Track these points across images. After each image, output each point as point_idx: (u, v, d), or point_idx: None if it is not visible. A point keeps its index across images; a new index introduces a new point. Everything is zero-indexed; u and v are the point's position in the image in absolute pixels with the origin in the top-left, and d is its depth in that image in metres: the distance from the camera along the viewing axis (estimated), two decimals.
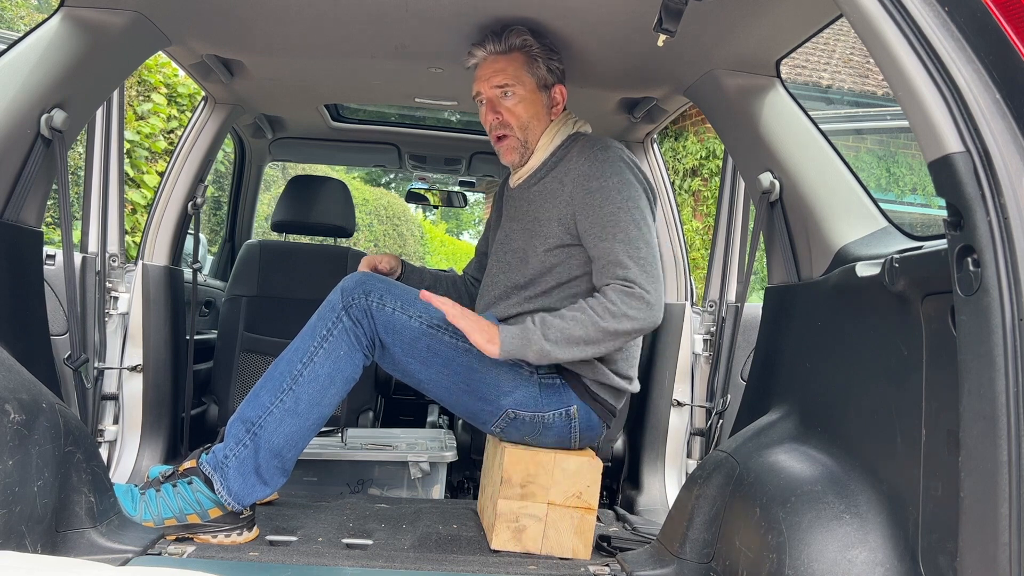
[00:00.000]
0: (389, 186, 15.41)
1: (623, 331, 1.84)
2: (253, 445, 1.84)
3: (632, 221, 1.90)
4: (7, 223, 1.76)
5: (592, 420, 2.01)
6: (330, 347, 1.86)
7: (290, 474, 1.91)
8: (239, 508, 1.86)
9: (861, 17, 1.13)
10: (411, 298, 1.92)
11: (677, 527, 1.74)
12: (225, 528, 1.87)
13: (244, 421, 1.86)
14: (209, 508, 1.85)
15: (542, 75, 2.06)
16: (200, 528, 1.86)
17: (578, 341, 1.82)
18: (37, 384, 1.58)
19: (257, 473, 1.85)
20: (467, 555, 1.89)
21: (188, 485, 1.86)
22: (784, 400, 1.76)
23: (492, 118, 2.06)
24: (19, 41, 1.76)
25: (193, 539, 1.86)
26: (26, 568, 0.97)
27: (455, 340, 1.91)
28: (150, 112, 5.78)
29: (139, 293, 2.47)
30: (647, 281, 1.86)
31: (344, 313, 1.86)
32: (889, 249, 1.45)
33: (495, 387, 1.93)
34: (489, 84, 2.04)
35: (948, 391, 1.12)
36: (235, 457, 1.84)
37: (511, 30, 2.00)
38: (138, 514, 1.83)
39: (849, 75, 10.77)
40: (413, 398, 3.66)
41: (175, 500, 1.85)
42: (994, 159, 1.00)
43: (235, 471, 1.84)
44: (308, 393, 1.84)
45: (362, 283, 1.90)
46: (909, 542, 1.22)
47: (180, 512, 1.85)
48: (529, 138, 2.07)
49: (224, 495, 1.83)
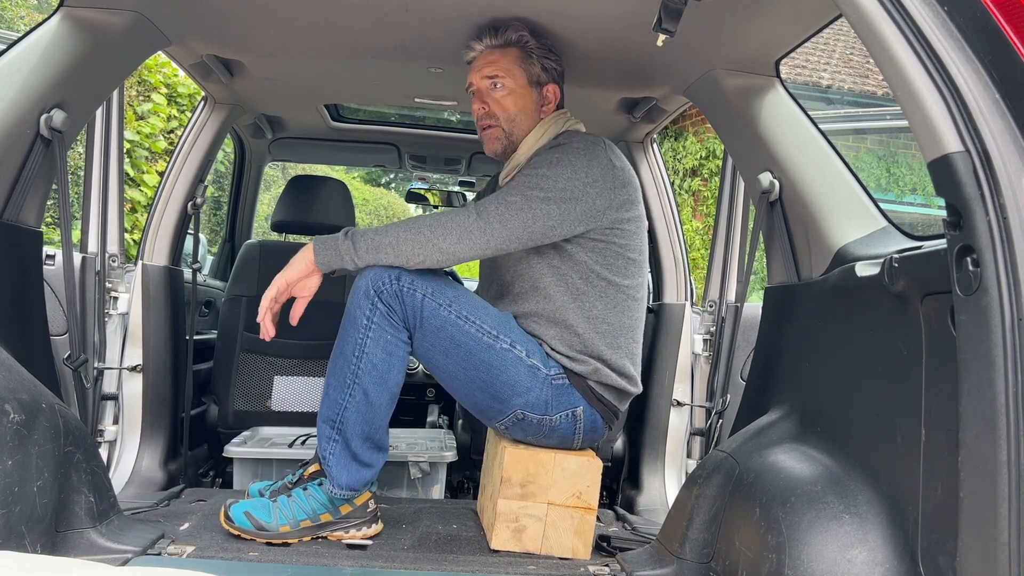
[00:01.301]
0: (389, 186, 15.41)
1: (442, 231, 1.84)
2: (342, 439, 1.91)
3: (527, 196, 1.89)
4: (7, 223, 1.76)
5: (596, 422, 2.01)
6: (376, 335, 1.88)
7: (388, 448, 1.98)
8: (353, 495, 1.93)
9: (861, 17, 1.13)
10: (441, 286, 1.92)
11: (677, 527, 1.74)
12: (355, 522, 1.96)
13: (326, 421, 1.93)
14: (340, 505, 1.94)
15: (535, 72, 2.07)
16: (332, 525, 1.95)
17: (392, 244, 1.84)
18: (37, 384, 1.58)
19: (356, 460, 1.92)
20: (467, 555, 1.89)
21: (319, 487, 1.94)
22: (784, 400, 1.76)
23: (478, 107, 2.10)
24: (19, 41, 1.76)
25: (327, 536, 1.95)
26: (26, 568, 0.97)
27: (480, 335, 1.91)
28: (150, 112, 5.79)
29: (139, 293, 2.47)
30: (495, 218, 1.86)
31: (377, 299, 1.88)
32: (889, 249, 1.45)
33: (510, 386, 1.93)
34: (480, 75, 2.07)
35: (948, 391, 1.12)
36: (331, 454, 1.91)
37: (509, 26, 2.02)
38: (273, 520, 1.90)
39: (849, 75, 10.77)
40: (413, 398, 3.66)
41: (307, 502, 1.93)
42: (993, 159, 1.00)
43: (336, 466, 1.91)
44: (372, 382, 1.89)
45: (389, 268, 1.90)
46: (909, 542, 1.22)
47: (313, 512, 1.93)
48: (515, 131, 2.08)
49: (336, 490, 1.91)
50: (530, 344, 1.97)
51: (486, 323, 1.92)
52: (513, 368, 1.92)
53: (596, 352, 1.98)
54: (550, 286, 1.99)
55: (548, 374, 1.96)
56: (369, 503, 1.98)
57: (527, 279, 2.02)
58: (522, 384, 1.93)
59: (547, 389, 1.95)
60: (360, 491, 1.94)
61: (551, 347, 1.99)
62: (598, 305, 1.99)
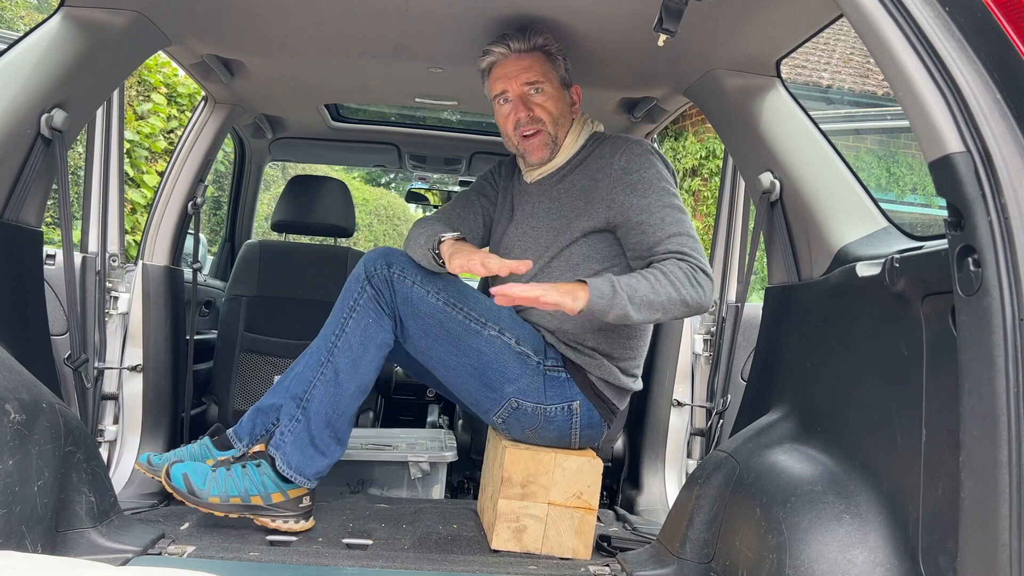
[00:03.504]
0: (389, 186, 15.41)
1: (692, 302, 1.85)
2: (305, 419, 1.93)
3: (679, 208, 1.95)
4: (7, 223, 1.76)
5: (594, 418, 2.02)
6: (359, 316, 1.92)
7: (346, 444, 2.00)
8: (303, 482, 1.93)
9: (861, 17, 1.13)
10: (431, 274, 1.94)
11: (677, 527, 1.74)
12: (284, 514, 1.95)
13: (293, 398, 1.95)
14: (273, 492, 1.93)
15: (563, 74, 2.07)
16: (261, 511, 1.94)
17: (656, 307, 1.82)
18: (37, 384, 1.58)
19: (313, 445, 1.93)
20: (467, 555, 1.89)
21: (257, 468, 1.94)
22: (784, 400, 1.76)
23: (524, 114, 2.03)
24: (19, 41, 1.76)
25: (253, 520, 1.94)
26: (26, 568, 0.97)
27: (468, 321, 1.93)
28: (150, 112, 5.79)
29: (139, 293, 2.47)
30: (704, 260, 1.91)
31: (367, 283, 1.92)
32: (889, 249, 1.45)
33: (501, 373, 1.94)
34: (519, 81, 2.02)
35: (948, 391, 1.12)
36: (290, 432, 1.93)
37: (533, 29, 1.99)
38: (206, 489, 1.91)
39: (849, 75, 10.77)
40: (413, 398, 3.67)
41: (243, 480, 1.93)
42: (994, 159, 1.00)
43: (292, 446, 1.93)
44: (345, 362, 1.92)
45: (385, 255, 1.95)
46: (909, 542, 1.22)
47: (245, 492, 1.92)
48: (559, 134, 2.07)
49: (286, 469, 1.92)
50: (522, 331, 1.97)
51: (474, 310, 1.94)
52: (502, 354, 1.94)
53: (606, 351, 2.00)
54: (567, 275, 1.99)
55: (541, 363, 1.96)
56: (303, 499, 1.97)
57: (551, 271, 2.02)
58: (512, 371, 1.94)
59: (539, 377, 1.96)
60: (305, 481, 1.94)
61: (557, 338, 1.99)
62: None
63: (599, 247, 2.00)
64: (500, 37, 2.02)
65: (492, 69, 2.07)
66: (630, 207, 1.94)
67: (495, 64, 2.06)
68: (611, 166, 1.98)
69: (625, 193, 1.95)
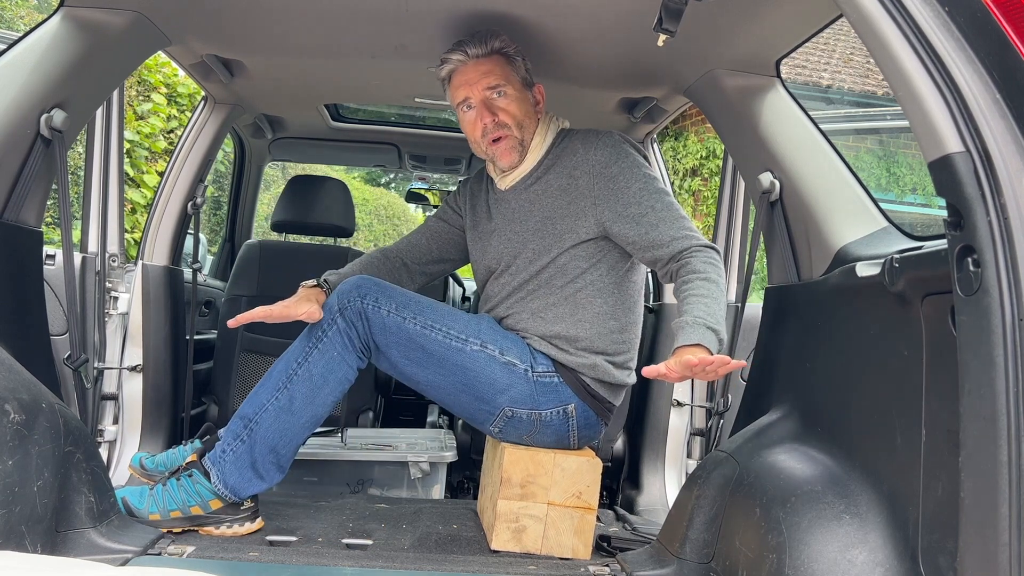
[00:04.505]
0: (389, 186, 15.40)
1: (722, 278, 1.88)
2: (250, 440, 1.90)
3: (663, 191, 1.97)
4: (7, 223, 1.76)
5: (590, 418, 2.01)
6: (324, 348, 1.90)
7: (286, 471, 1.96)
8: (237, 500, 1.91)
9: (861, 17, 1.13)
10: (406, 300, 1.93)
11: (677, 527, 1.74)
12: (227, 519, 1.92)
13: (242, 417, 1.92)
14: (210, 500, 1.90)
15: (523, 74, 2.07)
16: (203, 519, 1.91)
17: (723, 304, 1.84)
18: (37, 384, 1.58)
19: (253, 468, 1.91)
20: (467, 555, 1.89)
21: (188, 478, 1.92)
22: (784, 400, 1.76)
23: (488, 119, 2.01)
24: (19, 41, 1.76)
25: (198, 531, 1.91)
26: (26, 568, 0.97)
27: (448, 340, 1.92)
28: (150, 112, 5.78)
29: (139, 293, 2.47)
30: (700, 235, 1.93)
31: (339, 315, 1.90)
32: (889, 249, 1.45)
33: (490, 385, 1.94)
34: (480, 86, 2.00)
35: (948, 391, 1.12)
36: (232, 452, 1.90)
37: (490, 33, 1.99)
38: (145, 507, 1.88)
39: (849, 75, 10.77)
40: (413, 398, 3.66)
41: (178, 493, 1.90)
42: (994, 159, 1.00)
43: (232, 465, 1.90)
44: (302, 392, 1.90)
45: (358, 286, 1.92)
46: (909, 542, 1.22)
47: (184, 504, 1.90)
48: (525, 136, 2.05)
49: (220, 488, 1.89)
50: (505, 342, 1.97)
51: (453, 328, 1.93)
52: (488, 367, 1.94)
53: (599, 348, 1.99)
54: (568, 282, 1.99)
55: (530, 370, 1.96)
56: (244, 501, 1.94)
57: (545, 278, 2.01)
58: (501, 381, 1.94)
59: (530, 384, 1.95)
60: (242, 500, 1.92)
61: (548, 343, 1.98)
62: (610, 301, 2.00)
63: (591, 250, 2.00)
64: (456, 44, 2.01)
65: (452, 77, 2.05)
66: (617, 201, 1.94)
67: (454, 71, 2.03)
68: (587, 162, 1.98)
69: (608, 188, 1.95)
